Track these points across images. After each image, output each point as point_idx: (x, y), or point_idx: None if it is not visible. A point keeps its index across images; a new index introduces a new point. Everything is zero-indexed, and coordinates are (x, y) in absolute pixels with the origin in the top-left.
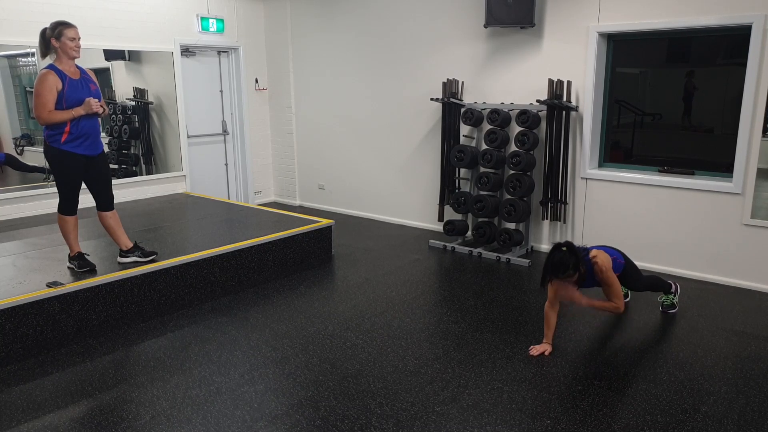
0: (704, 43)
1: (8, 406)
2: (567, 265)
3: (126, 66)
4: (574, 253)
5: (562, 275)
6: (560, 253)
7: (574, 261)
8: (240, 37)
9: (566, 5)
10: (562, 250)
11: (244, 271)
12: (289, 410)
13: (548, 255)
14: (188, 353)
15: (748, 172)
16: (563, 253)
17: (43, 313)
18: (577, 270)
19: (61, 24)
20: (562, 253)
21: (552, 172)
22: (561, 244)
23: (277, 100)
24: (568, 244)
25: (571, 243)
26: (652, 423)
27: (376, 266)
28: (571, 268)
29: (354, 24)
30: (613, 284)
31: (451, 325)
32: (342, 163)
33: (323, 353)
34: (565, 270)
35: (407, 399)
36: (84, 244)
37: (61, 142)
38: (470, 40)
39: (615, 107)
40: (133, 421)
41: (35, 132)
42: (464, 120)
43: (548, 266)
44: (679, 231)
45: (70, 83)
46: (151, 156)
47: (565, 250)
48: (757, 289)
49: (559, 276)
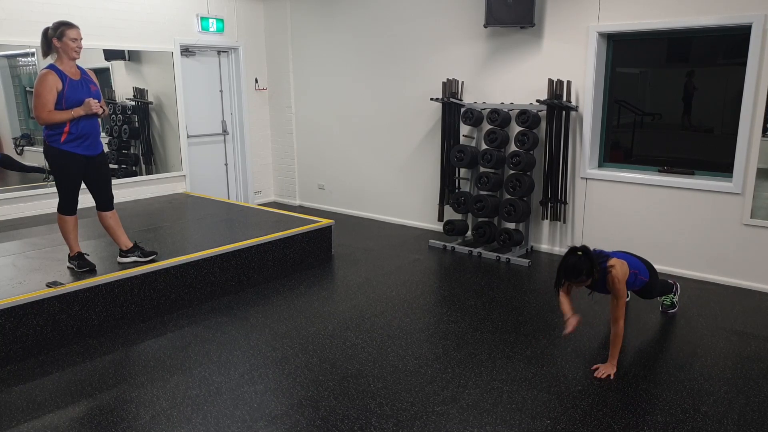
0: (704, 43)
1: (8, 406)
2: (580, 270)
3: (126, 66)
4: (589, 257)
5: (575, 279)
6: (575, 257)
7: (587, 266)
8: (240, 37)
9: (566, 5)
10: (578, 254)
11: (244, 271)
12: (289, 410)
13: (563, 258)
14: (188, 353)
15: (748, 172)
16: (578, 258)
17: (43, 313)
18: (591, 276)
19: (63, 24)
20: (577, 258)
21: (552, 172)
22: (577, 248)
23: (277, 100)
24: (584, 248)
25: (586, 247)
26: (652, 423)
27: (376, 266)
28: (584, 273)
29: (354, 24)
30: (620, 298)
31: (451, 325)
32: (342, 163)
33: (323, 353)
34: (578, 275)
35: (407, 399)
36: (84, 244)
37: (61, 142)
38: (470, 40)
39: (615, 107)
40: (133, 421)
41: (35, 132)
42: (464, 120)
43: (562, 269)
44: (679, 231)
45: (70, 83)
46: (151, 156)
47: (580, 255)
48: (757, 289)
49: (571, 280)
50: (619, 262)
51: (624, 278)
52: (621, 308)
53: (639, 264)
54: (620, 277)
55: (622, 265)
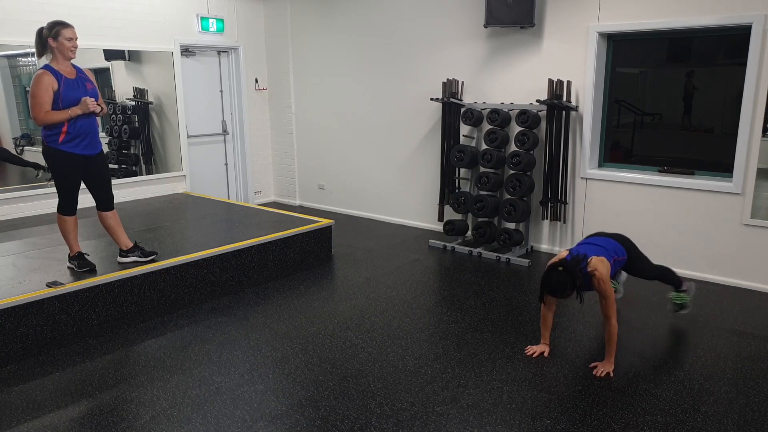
0: (704, 43)
1: (8, 406)
2: (564, 286)
3: (126, 66)
4: (570, 272)
5: (561, 296)
6: (557, 274)
7: (571, 280)
8: (240, 37)
9: (566, 5)
10: (559, 270)
11: (244, 271)
12: (289, 410)
13: (545, 275)
14: (188, 353)
15: (748, 172)
16: (560, 275)
17: (43, 313)
18: (575, 287)
19: (58, 24)
20: (559, 275)
21: (552, 172)
22: (557, 264)
23: (277, 100)
24: (564, 263)
25: (566, 262)
26: (652, 423)
27: (376, 266)
28: (569, 287)
29: (354, 24)
30: (608, 297)
31: (451, 325)
32: (342, 163)
33: (323, 353)
34: (563, 291)
35: (407, 399)
36: (84, 244)
37: (59, 142)
38: (470, 40)
39: (615, 107)
40: (133, 421)
41: (35, 132)
42: (464, 120)
43: (545, 287)
44: (679, 231)
45: (66, 83)
46: (151, 156)
47: (561, 270)
48: (757, 289)
49: (557, 296)
50: (599, 260)
51: (607, 277)
52: (611, 306)
53: (616, 246)
54: (605, 278)
55: (602, 263)
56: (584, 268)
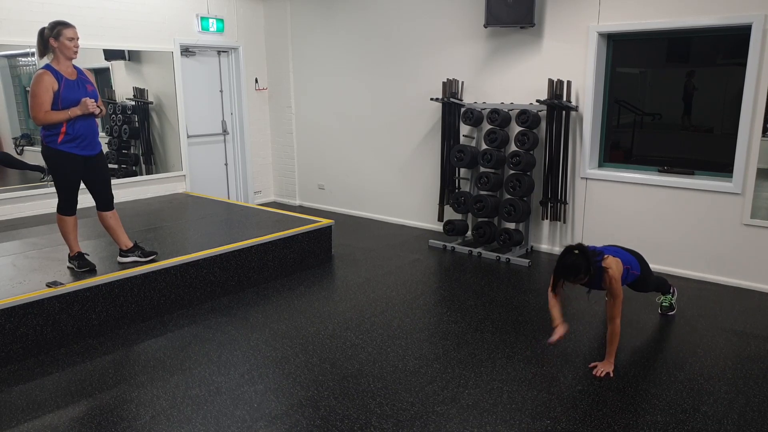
0: (704, 43)
1: (8, 406)
2: (579, 269)
3: (126, 66)
4: (586, 256)
5: (574, 278)
6: (572, 256)
7: (585, 264)
8: (240, 37)
9: (566, 5)
10: (575, 253)
11: (244, 271)
12: (289, 410)
13: (560, 257)
14: (188, 353)
15: (747, 172)
16: (576, 257)
17: (43, 313)
18: (588, 273)
19: (60, 24)
20: (575, 257)
21: (552, 172)
22: (573, 247)
23: (277, 100)
24: (580, 246)
25: (582, 245)
26: (652, 423)
27: (376, 266)
28: (582, 271)
29: (354, 24)
30: (617, 297)
31: (451, 325)
32: (342, 163)
33: (323, 353)
34: (577, 273)
35: (407, 399)
36: (84, 244)
37: (58, 143)
38: (470, 40)
39: (615, 107)
40: (133, 421)
41: (35, 132)
42: (464, 120)
43: (560, 269)
44: (679, 231)
45: (66, 83)
46: (151, 156)
47: (577, 253)
48: (757, 289)
49: (570, 279)
50: (614, 260)
51: (620, 276)
52: (618, 307)
53: (631, 258)
54: (617, 276)
55: (617, 263)
56: (599, 261)
